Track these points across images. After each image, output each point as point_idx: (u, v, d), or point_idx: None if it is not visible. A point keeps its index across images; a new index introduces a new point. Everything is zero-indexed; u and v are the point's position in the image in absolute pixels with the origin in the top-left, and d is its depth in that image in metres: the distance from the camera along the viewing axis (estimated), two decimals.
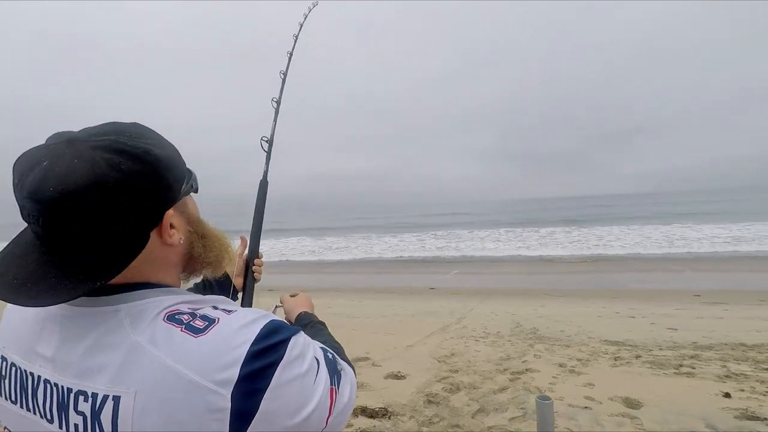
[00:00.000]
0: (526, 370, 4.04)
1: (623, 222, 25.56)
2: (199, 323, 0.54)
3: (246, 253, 1.19)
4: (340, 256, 18.64)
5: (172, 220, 0.59)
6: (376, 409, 3.22)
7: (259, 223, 1.26)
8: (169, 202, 0.58)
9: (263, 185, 1.29)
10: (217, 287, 1.16)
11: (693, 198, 61.53)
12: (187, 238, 0.64)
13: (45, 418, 0.54)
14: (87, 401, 0.50)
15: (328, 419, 0.60)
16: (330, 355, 0.69)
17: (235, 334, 0.53)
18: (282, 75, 1.40)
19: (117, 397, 0.49)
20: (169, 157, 0.58)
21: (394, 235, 26.00)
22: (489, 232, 24.61)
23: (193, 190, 0.67)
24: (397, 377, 3.96)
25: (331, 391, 0.62)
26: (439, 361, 4.40)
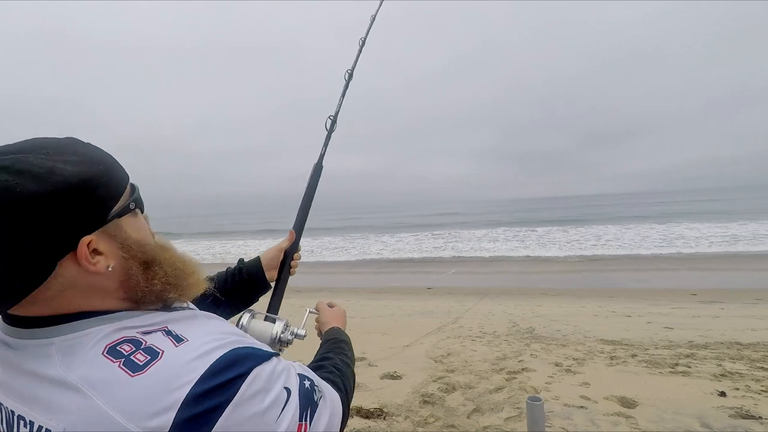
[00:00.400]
0: (522, 369, 4.03)
1: (619, 221, 25.66)
2: (140, 357, 0.50)
3: (288, 246, 1.17)
4: (338, 256, 18.62)
5: (97, 246, 0.53)
6: (371, 409, 3.20)
7: (305, 215, 1.20)
8: (86, 227, 0.52)
9: (317, 169, 1.22)
10: (247, 276, 1.14)
11: (688, 197, 61.88)
12: (121, 265, 0.57)
13: None
14: (26, 427, 0.50)
15: None
16: (307, 383, 0.63)
17: (179, 371, 0.49)
18: (361, 42, 1.40)
19: (49, 431, 0.47)
20: (89, 177, 0.52)
21: (391, 235, 26.01)
22: (486, 232, 24.64)
23: (131, 211, 0.59)
24: (393, 377, 3.94)
25: (299, 427, 0.57)
26: (435, 361, 4.39)
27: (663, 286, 9.17)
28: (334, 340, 0.97)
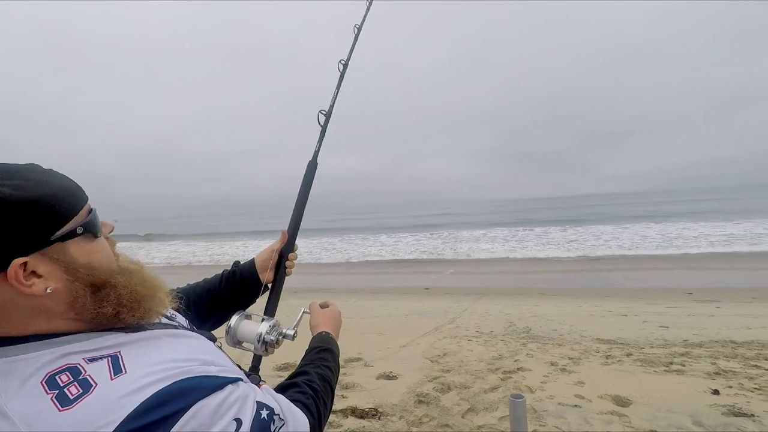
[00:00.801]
0: (518, 369, 4.04)
1: (616, 221, 25.70)
2: (72, 390, 0.48)
3: (282, 246, 1.15)
4: (335, 256, 18.61)
5: (35, 268, 0.53)
6: (366, 409, 3.21)
7: (301, 211, 1.18)
8: (20, 249, 0.52)
9: (312, 167, 1.19)
10: (240, 279, 1.13)
11: (685, 197, 62.05)
12: (66, 288, 0.56)
13: None
14: None
15: None
16: (265, 413, 0.60)
17: (106, 409, 0.47)
18: (356, 29, 1.33)
19: None
20: (29, 200, 0.53)
21: (389, 235, 26.00)
22: (484, 232, 24.65)
23: (78, 235, 0.58)
24: (389, 377, 3.95)
25: None
26: (431, 361, 4.39)
27: (659, 285, 9.20)
28: (318, 350, 0.95)
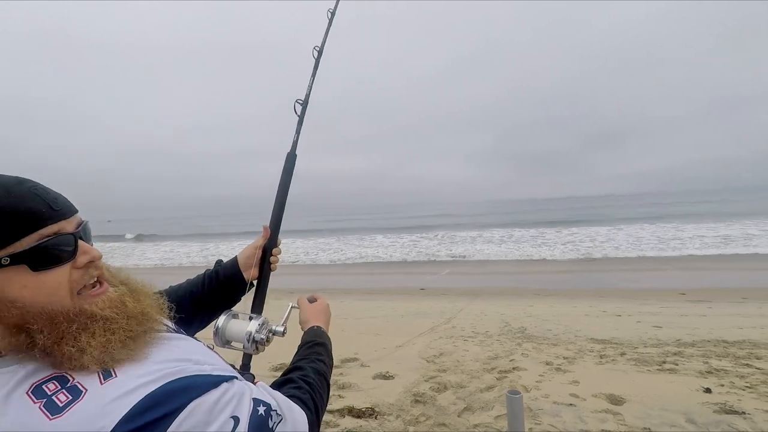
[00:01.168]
0: (514, 368, 4.08)
1: (611, 222, 25.88)
2: (61, 398, 0.47)
3: (264, 242, 1.12)
4: (332, 257, 18.60)
5: None
6: (363, 409, 3.23)
7: (282, 204, 1.15)
8: None
9: (290, 159, 1.15)
10: (223, 278, 1.09)
11: (679, 198, 62.53)
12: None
13: None
14: None
15: None
16: (262, 409, 0.59)
17: (98, 413, 0.46)
18: (329, 14, 1.28)
19: None
20: None
21: (385, 236, 26.01)
22: (480, 233, 24.74)
23: (4, 266, 0.50)
24: (386, 377, 3.97)
25: None
26: (427, 361, 4.42)
27: (653, 286, 9.28)
28: (311, 344, 0.94)
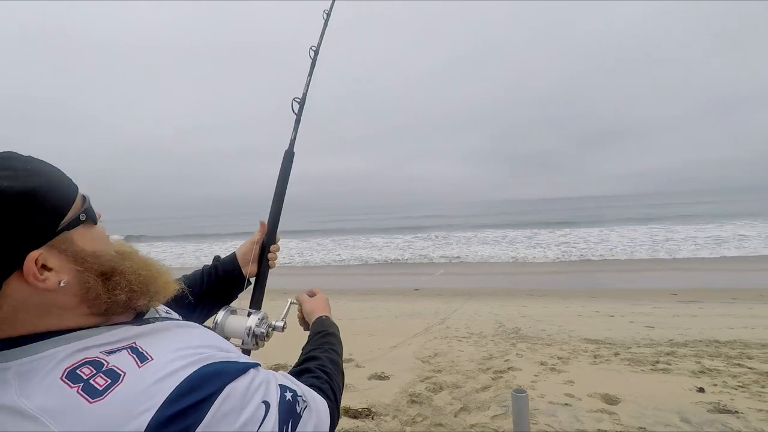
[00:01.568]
0: (509, 368, 4.09)
1: (604, 223, 26.10)
2: (99, 381, 0.47)
3: (262, 238, 1.13)
4: (326, 257, 18.55)
5: (45, 261, 0.51)
6: (359, 409, 3.22)
7: (280, 202, 1.16)
8: (31, 242, 0.50)
9: (288, 156, 1.17)
10: (222, 273, 1.10)
11: (671, 200, 63.18)
12: (77, 279, 0.54)
13: None
14: None
15: None
16: (289, 395, 0.60)
17: (141, 396, 0.47)
18: (324, 14, 1.30)
19: None
20: (29, 190, 0.50)
21: (380, 237, 26.01)
22: (475, 233, 24.82)
23: (82, 223, 0.56)
24: (381, 378, 3.96)
25: None
26: (422, 362, 4.41)
27: (645, 286, 9.37)
28: (322, 334, 0.95)
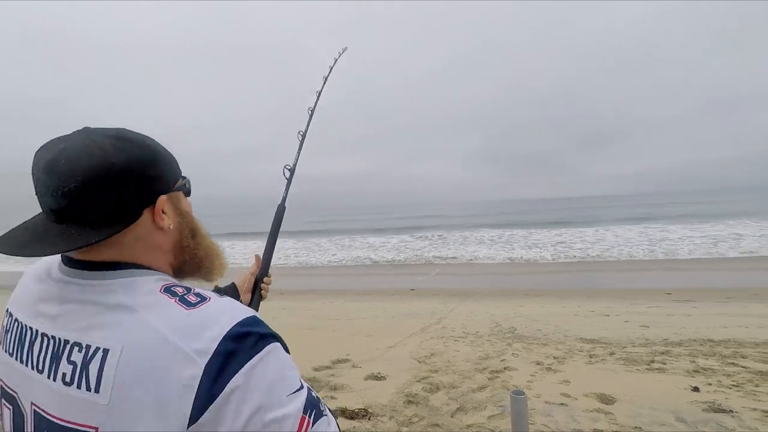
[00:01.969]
0: (505, 368, 4.09)
1: (599, 223, 26.25)
2: (192, 298, 0.59)
3: (257, 271, 1.25)
4: (322, 258, 18.52)
5: (164, 207, 0.65)
6: (356, 410, 3.20)
7: (272, 246, 1.32)
8: (162, 189, 0.64)
9: (280, 211, 1.33)
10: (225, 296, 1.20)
11: (667, 200, 63.57)
12: (177, 228, 0.69)
13: (35, 369, 0.59)
14: (80, 352, 0.55)
15: None
16: (315, 393, 0.63)
17: (226, 313, 0.57)
18: (309, 111, 1.44)
19: (106, 350, 0.54)
20: (165, 153, 0.67)
21: (376, 237, 26.00)
22: (469, 233, 24.87)
23: (186, 191, 0.72)
24: (377, 378, 3.95)
25: (302, 419, 0.57)
26: (419, 362, 4.41)
27: (640, 286, 9.43)
28: None
